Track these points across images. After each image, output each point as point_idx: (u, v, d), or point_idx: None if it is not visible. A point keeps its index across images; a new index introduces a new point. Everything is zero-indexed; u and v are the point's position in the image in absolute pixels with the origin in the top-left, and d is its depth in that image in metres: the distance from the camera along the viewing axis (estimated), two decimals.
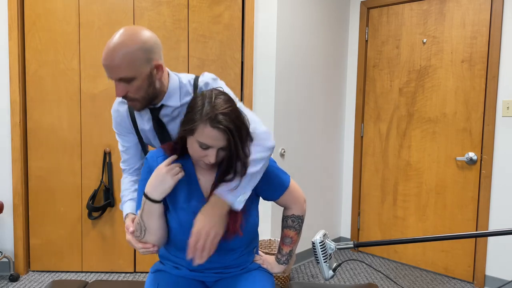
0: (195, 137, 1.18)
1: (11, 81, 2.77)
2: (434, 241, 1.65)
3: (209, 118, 1.15)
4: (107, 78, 1.47)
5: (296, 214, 1.42)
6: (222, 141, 1.18)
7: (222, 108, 1.16)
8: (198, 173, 1.33)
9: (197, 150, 1.20)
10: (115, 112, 1.47)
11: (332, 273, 1.28)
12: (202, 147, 1.19)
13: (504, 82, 2.75)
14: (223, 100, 1.19)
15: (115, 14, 2.80)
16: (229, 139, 1.18)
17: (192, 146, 1.21)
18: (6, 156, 2.82)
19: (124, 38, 1.23)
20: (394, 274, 3.10)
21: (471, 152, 2.91)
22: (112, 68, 1.24)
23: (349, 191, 3.63)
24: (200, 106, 1.18)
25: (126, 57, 1.22)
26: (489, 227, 2.86)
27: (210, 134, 1.16)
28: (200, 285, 1.38)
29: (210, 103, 1.17)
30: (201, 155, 1.21)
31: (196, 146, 1.20)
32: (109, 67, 1.24)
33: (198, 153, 1.21)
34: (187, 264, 1.36)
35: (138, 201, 1.35)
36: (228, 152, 1.22)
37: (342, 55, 3.52)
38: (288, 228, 1.42)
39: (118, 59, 1.22)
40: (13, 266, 2.84)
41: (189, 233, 1.25)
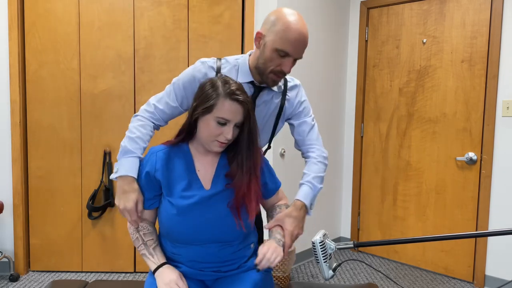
0: (214, 114, 1.26)
1: (11, 81, 2.77)
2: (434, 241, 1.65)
3: (228, 93, 1.25)
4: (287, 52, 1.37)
5: (287, 204, 1.52)
6: (241, 114, 1.27)
7: (237, 86, 1.28)
8: (198, 163, 1.37)
9: (213, 129, 1.27)
10: (198, 72, 1.47)
11: (332, 273, 1.28)
12: (220, 122, 1.26)
13: (504, 82, 2.75)
14: (234, 82, 1.30)
15: (115, 14, 2.80)
16: (248, 113, 1.28)
17: (209, 125, 1.27)
18: (6, 156, 2.82)
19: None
20: (394, 274, 3.10)
21: (471, 152, 2.91)
22: (303, 47, 1.40)
23: (349, 191, 3.63)
24: (214, 86, 1.28)
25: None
26: (489, 227, 2.86)
27: (230, 108, 1.25)
28: (199, 285, 1.38)
29: (224, 82, 1.28)
30: (217, 133, 1.27)
31: (213, 125, 1.27)
32: (301, 44, 1.38)
33: (214, 131, 1.27)
34: (185, 260, 1.36)
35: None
36: (241, 129, 1.31)
37: (342, 55, 3.52)
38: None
39: (307, 41, 1.41)
40: (13, 266, 2.84)
41: (187, 223, 1.30)
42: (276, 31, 1.36)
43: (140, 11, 2.81)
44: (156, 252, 1.36)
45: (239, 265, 1.39)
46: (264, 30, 1.40)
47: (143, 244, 1.36)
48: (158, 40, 2.83)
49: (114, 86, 2.84)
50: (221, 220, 1.32)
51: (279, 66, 1.39)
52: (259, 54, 1.42)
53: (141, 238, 1.36)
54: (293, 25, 1.35)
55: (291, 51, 1.37)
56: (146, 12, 2.81)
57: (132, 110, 2.86)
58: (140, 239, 1.36)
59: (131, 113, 2.86)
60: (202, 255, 1.34)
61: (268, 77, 1.42)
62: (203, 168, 1.36)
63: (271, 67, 1.39)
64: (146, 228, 1.38)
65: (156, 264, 1.33)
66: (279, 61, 1.38)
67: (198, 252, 1.34)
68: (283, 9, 1.40)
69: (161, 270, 1.31)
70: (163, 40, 2.83)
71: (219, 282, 1.38)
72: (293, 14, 1.37)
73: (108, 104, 2.85)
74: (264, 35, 1.39)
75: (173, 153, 1.37)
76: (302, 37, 1.37)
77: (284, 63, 1.38)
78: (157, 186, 1.35)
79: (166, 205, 1.34)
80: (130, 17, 2.81)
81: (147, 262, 1.35)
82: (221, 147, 1.31)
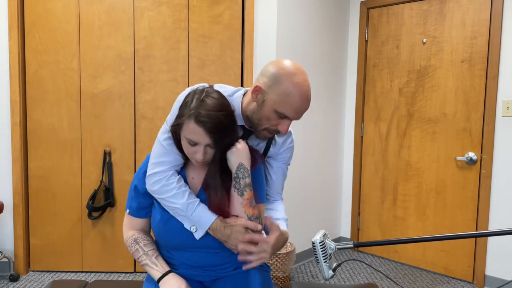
0: (183, 133, 1.21)
1: (11, 81, 2.77)
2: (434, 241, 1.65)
3: (193, 114, 1.17)
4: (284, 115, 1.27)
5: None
6: (207, 138, 1.19)
7: (209, 106, 1.18)
8: (190, 170, 1.36)
9: (187, 147, 1.23)
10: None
11: (332, 273, 1.28)
12: (190, 143, 1.21)
13: (504, 82, 2.75)
14: (213, 98, 1.20)
15: (115, 14, 2.80)
16: (214, 138, 1.19)
17: (183, 142, 1.24)
18: (6, 156, 2.82)
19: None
20: (394, 274, 3.10)
21: (471, 152, 2.91)
22: (302, 113, 1.29)
23: (349, 191, 3.63)
24: (189, 102, 1.20)
25: None
26: (489, 227, 2.86)
27: (194, 130, 1.18)
28: (198, 286, 1.38)
29: (198, 99, 1.19)
30: (190, 152, 1.23)
31: (185, 143, 1.23)
32: (302, 111, 1.28)
33: (187, 150, 1.24)
34: (179, 263, 1.36)
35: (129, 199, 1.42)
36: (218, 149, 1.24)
37: (342, 55, 3.52)
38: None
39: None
40: (13, 266, 2.84)
41: (174, 230, 1.30)
42: (279, 92, 1.24)
43: (140, 11, 2.81)
44: (159, 260, 1.34)
45: (236, 267, 1.38)
46: (264, 85, 1.25)
47: (144, 255, 1.34)
48: (158, 40, 2.83)
49: (114, 86, 2.84)
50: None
51: (275, 126, 1.29)
52: (255, 109, 1.29)
53: (142, 249, 1.35)
54: (299, 90, 1.24)
55: (292, 115, 1.27)
56: (146, 12, 2.81)
57: (132, 110, 2.86)
58: (140, 250, 1.35)
59: (131, 113, 2.86)
60: (195, 260, 1.34)
61: (261, 133, 1.33)
62: (196, 176, 1.36)
63: (266, 125, 1.30)
64: (146, 239, 1.38)
65: (161, 272, 1.31)
66: (276, 122, 1.28)
67: (191, 257, 1.34)
68: (287, 66, 1.26)
69: (167, 278, 1.30)
70: (163, 40, 2.83)
71: (217, 283, 1.38)
72: (298, 73, 1.25)
73: (108, 104, 2.85)
74: (264, 91, 1.25)
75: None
76: (306, 103, 1.26)
77: (281, 123, 1.28)
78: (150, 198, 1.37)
79: (155, 212, 1.35)
80: (130, 17, 2.81)
81: (150, 271, 1.32)
82: (201, 164, 1.26)
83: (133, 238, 1.37)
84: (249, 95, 1.32)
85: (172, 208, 1.29)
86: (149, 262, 1.33)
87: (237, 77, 2.89)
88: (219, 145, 1.22)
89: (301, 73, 1.26)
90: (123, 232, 1.43)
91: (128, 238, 1.38)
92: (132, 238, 1.37)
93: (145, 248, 1.35)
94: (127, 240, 1.38)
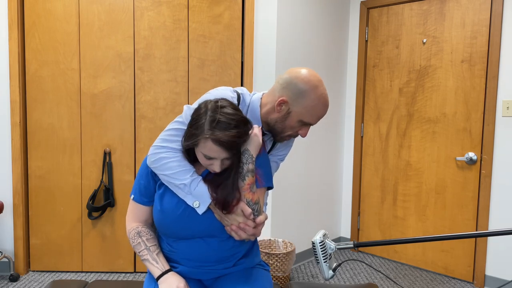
0: (199, 149, 1.23)
1: (11, 81, 2.77)
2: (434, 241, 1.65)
3: (209, 135, 1.19)
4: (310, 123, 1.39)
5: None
6: (225, 153, 1.22)
7: (225, 125, 1.19)
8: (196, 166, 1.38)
9: (202, 160, 1.26)
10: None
11: (332, 273, 1.28)
12: (206, 157, 1.24)
13: (504, 82, 2.75)
14: (228, 115, 1.20)
15: (115, 14, 2.80)
16: (232, 152, 1.23)
17: (198, 155, 1.26)
18: (6, 156, 2.83)
19: None
20: (394, 274, 3.10)
21: (471, 152, 2.91)
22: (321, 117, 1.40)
23: (349, 191, 3.63)
24: (203, 119, 1.21)
25: None
26: (489, 227, 2.86)
27: (212, 148, 1.21)
28: (198, 285, 1.38)
29: (212, 119, 1.19)
30: (207, 164, 1.26)
31: (201, 156, 1.25)
32: (322, 116, 1.39)
33: (203, 162, 1.26)
34: (181, 257, 1.36)
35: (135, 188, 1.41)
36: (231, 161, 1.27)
37: (342, 55, 3.52)
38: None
39: None
40: (13, 266, 2.84)
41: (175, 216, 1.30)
42: (305, 105, 1.33)
43: (140, 11, 2.81)
44: (160, 258, 1.34)
45: (235, 263, 1.39)
46: (289, 99, 1.34)
47: (146, 249, 1.34)
48: (158, 40, 2.83)
49: (114, 86, 2.84)
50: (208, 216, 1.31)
51: (297, 131, 1.41)
52: (278, 118, 1.38)
53: (144, 244, 1.35)
54: (322, 101, 1.35)
55: (315, 122, 1.39)
56: (146, 12, 2.81)
57: (132, 110, 2.86)
58: (142, 244, 1.35)
59: (131, 113, 2.86)
60: (196, 250, 1.34)
61: (283, 138, 1.44)
62: (196, 168, 1.37)
63: (289, 132, 1.41)
64: (149, 233, 1.37)
65: (161, 270, 1.31)
66: (299, 129, 1.40)
67: (192, 247, 1.34)
68: (310, 79, 1.33)
69: (166, 276, 1.30)
70: (163, 40, 2.83)
71: (217, 282, 1.38)
72: (319, 85, 1.34)
73: (108, 104, 2.85)
74: (290, 104, 1.34)
75: None
76: (327, 109, 1.39)
77: (303, 129, 1.40)
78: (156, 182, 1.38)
79: (156, 201, 1.36)
80: (130, 17, 2.81)
81: (150, 268, 1.33)
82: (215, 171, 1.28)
83: (136, 231, 1.37)
84: (268, 101, 1.40)
85: (175, 185, 1.30)
86: (150, 258, 1.33)
87: (237, 77, 2.89)
88: (236, 155, 1.27)
89: (321, 83, 1.35)
90: (126, 223, 1.42)
91: (132, 229, 1.38)
92: (135, 231, 1.37)
93: (147, 243, 1.35)
94: (130, 231, 1.38)
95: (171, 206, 1.32)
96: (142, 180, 1.38)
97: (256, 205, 1.29)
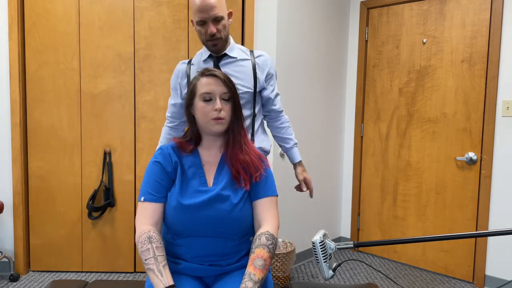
0: (198, 94, 1.36)
1: (11, 81, 2.77)
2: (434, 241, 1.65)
3: (202, 72, 1.38)
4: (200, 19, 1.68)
5: (270, 232, 1.32)
6: (220, 86, 1.35)
7: (211, 68, 1.40)
8: (204, 160, 1.43)
9: (203, 108, 1.35)
10: (176, 69, 1.87)
11: (332, 273, 1.28)
12: (206, 99, 1.34)
13: (504, 82, 2.75)
14: (209, 68, 1.40)
15: (115, 14, 2.80)
16: (227, 84, 1.35)
17: (199, 107, 1.36)
18: (6, 156, 2.83)
19: None
20: (394, 274, 3.10)
21: (471, 152, 2.91)
22: (210, 8, 1.63)
23: (349, 191, 3.63)
24: (193, 77, 1.42)
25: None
26: (489, 227, 2.86)
27: (207, 82, 1.35)
28: (199, 284, 1.38)
29: (200, 70, 1.40)
30: (207, 111, 1.35)
31: (201, 105, 1.35)
32: (207, 7, 1.63)
33: (205, 110, 1.35)
34: (185, 251, 1.37)
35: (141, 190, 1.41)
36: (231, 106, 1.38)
37: (342, 55, 3.52)
38: (261, 247, 1.28)
39: (214, 1, 1.64)
40: (13, 266, 2.84)
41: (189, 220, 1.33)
42: (191, 10, 1.69)
43: (140, 11, 2.81)
44: (165, 271, 1.26)
45: (238, 259, 1.40)
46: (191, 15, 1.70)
47: (154, 258, 1.26)
48: (158, 40, 2.83)
49: (114, 86, 2.84)
50: (223, 217, 1.35)
51: (206, 33, 1.70)
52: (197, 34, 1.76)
53: (153, 251, 1.27)
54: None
55: (202, 17, 1.65)
56: (146, 12, 2.81)
57: (132, 110, 2.86)
58: (151, 251, 1.27)
59: (131, 113, 2.86)
60: (204, 245, 1.36)
61: (208, 45, 1.74)
62: (207, 164, 1.42)
63: (203, 37, 1.72)
64: (159, 241, 1.30)
65: (165, 285, 1.23)
66: (204, 30, 1.69)
67: (199, 243, 1.36)
68: None
69: None
70: (163, 40, 2.83)
71: (218, 281, 1.38)
72: None
73: (108, 104, 2.85)
74: (192, 19, 1.73)
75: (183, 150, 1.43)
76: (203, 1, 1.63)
77: (207, 28, 1.68)
78: (169, 178, 1.39)
79: (171, 199, 1.36)
80: (130, 17, 2.81)
81: (153, 279, 1.24)
82: (219, 124, 1.36)
83: (148, 235, 1.29)
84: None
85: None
86: (155, 268, 1.25)
87: None
88: (234, 96, 1.37)
89: None
90: (136, 227, 1.34)
91: (143, 233, 1.30)
92: (147, 235, 1.29)
93: (156, 252, 1.27)
94: (141, 235, 1.30)
95: (191, 202, 1.34)
96: (153, 177, 1.38)
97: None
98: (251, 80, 1.79)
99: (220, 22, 1.69)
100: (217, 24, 1.68)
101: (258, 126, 1.88)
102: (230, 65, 1.78)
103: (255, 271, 1.24)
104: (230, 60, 1.79)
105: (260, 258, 1.26)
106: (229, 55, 1.79)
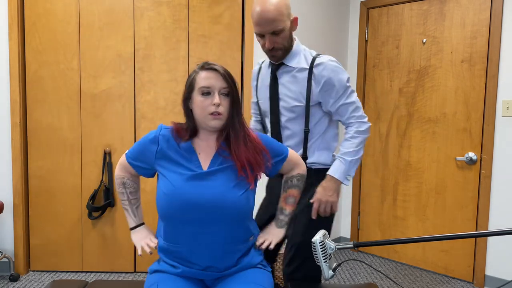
0: (196, 88, 1.33)
1: (11, 81, 2.77)
2: (434, 241, 1.65)
3: (201, 66, 1.36)
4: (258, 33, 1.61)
5: (300, 173, 1.53)
6: (220, 80, 1.32)
7: (211, 62, 1.36)
8: (198, 149, 1.39)
9: (201, 102, 1.31)
10: (253, 70, 1.89)
11: (332, 273, 1.28)
12: (204, 92, 1.31)
13: (504, 82, 2.76)
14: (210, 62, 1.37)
15: (115, 14, 2.80)
16: (226, 79, 1.32)
17: (197, 101, 1.32)
18: (6, 156, 2.83)
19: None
20: (394, 274, 3.11)
21: (471, 152, 2.91)
22: (267, 23, 1.54)
23: (349, 191, 3.63)
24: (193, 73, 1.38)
25: (278, 11, 1.53)
26: (489, 227, 2.86)
27: (207, 76, 1.32)
28: (199, 285, 1.38)
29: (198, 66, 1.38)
30: (206, 105, 1.31)
31: (199, 99, 1.32)
32: (265, 21, 1.53)
33: (203, 105, 1.31)
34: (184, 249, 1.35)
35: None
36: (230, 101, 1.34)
37: (342, 55, 3.52)
38: (293, 188, 1.52)
39: (273, 14, 1.53)
40: (13, 266, 2.84)
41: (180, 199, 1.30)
42: (251, 18, 1.61)
43: (140, 11, 2.81)
44: (138, 212, 1.52)
45: (237, 261, 1.39)
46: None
47: (127, 200, 1.50)
48: (158, 40, 2.83)
49: (114, 86, 2.84)
50: (217, 196, 1.31)
51: (264, 46, 1.63)
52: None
53: (127, 195, 1.50)
54: (253, 7, 1.55)
55: (260, 30, 1.57)
56: (146, 12, 2.81)
57: (132, 110, 2.86)
58: (125, 195, 1.50)
59: (131, 113, 2.86)
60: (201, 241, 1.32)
61: (268, 55, 1.69)
62: (202, 153, 1.38)
63: (262, 47, 1.65)
64: (133, 186, 1.50)
65: (136, 223, 1.51)
66: (262, 42, 1.62)
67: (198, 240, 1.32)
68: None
69: (139, 228, 1.50)
70: (163, 40, 2.83)
71: (218, 282, 1.38)
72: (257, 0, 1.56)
73: (108, 104, 2.85)
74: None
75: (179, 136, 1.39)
76: (262, 13, 1.53)
77: (265, 42, 1.61)
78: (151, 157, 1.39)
79: (163, 182, 1.35)
80: (130, 17, 2.81)
81: (128, 217, 1.51)
82: (217, 119, 1.32)
83: (122, 181, 1.49)
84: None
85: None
86: (129, 209, 1.50)
87: (237, 77, 2.89)
88: (233, 91, 1.34)
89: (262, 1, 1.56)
90: (116, 169, 1.54)
91: (119, 177, 1.50)
92: (121, 180, 1.49)
93: (130, 196, 1.50)
94: (117, 178, 1.50)
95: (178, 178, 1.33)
96: (142, 151, 1.40)
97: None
98: (303, 92, 1.64)
99: (279, 35, 1.57)
100: (276, 38, 1.58)
101: (312, 143, 1.69)
102: (286, 75, 1.68)
103: (286, 206, 1.53)
104: (288, 69, 1.68)
105: (291, 196, 1.52)
106: (287, 64, 1.67)
